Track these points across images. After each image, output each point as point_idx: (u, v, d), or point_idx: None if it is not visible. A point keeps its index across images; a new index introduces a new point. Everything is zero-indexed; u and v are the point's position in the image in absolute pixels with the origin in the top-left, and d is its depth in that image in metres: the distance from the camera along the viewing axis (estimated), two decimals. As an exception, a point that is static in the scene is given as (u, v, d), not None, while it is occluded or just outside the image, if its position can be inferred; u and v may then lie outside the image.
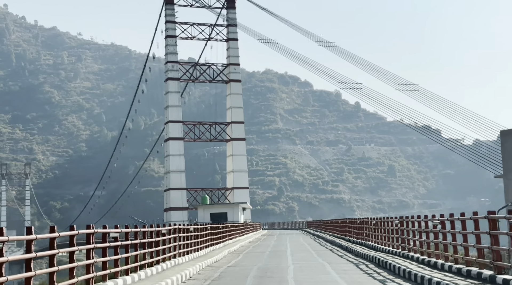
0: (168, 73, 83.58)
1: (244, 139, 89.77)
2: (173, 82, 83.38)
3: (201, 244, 32.57)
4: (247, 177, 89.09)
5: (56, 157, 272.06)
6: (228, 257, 31.68)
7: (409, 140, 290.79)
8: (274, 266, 25.00)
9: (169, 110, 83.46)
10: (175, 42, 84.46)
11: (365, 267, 23.42)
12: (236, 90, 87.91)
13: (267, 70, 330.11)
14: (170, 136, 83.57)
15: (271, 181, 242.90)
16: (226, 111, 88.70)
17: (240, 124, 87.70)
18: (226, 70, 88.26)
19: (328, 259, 28.19)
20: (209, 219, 74.32)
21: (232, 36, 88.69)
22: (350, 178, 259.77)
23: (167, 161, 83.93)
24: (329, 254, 32.44)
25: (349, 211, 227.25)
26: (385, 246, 30.01)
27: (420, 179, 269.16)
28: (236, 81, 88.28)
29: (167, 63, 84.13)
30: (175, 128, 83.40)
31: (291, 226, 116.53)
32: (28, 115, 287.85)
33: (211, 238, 36.25)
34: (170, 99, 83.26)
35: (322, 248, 39.04)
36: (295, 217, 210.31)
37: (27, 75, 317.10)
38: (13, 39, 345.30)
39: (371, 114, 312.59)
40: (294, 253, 33.83)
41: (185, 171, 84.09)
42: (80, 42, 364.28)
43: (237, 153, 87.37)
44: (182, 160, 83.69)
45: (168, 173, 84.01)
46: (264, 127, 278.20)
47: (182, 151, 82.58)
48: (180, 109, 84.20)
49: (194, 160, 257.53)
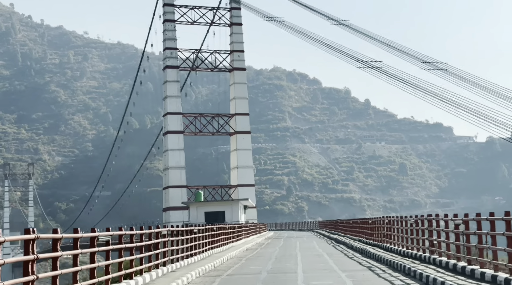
0: (166, 60, 77.91)
1: (249, 132, 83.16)
2: (171, 71, 77.51)
3: (175, 255, 23.55)
4: (253, 174, 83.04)
5: (61, 157, 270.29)
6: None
7: (421, 137, 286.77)
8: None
9: (168, 101, 77.57)
10: (173, 27, 78.74)
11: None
12: (241, 79, 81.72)
13: (275, 67, 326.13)
14: (168, 129, 77.68)
15: (280, 181, 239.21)
16: (230, 102, 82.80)
17: (244, 116, 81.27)
18: (230, 58, 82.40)
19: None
20: (203, 219, 64.86)
21: (235, 21, 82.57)
22: (361, 177, 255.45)
23: (166, 156, 78.26)
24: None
25: (360, 211, 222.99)
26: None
27: (432, 177, 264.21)
28: (240, 69, 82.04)
29: (165, 50, 78.41)
30: (174, 120, 77.35)
31: (300, 227, 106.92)
32: (33, 115, 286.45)
33: (185, 247, 25.61)
34: (168, 89, 77.35)
35: (355, 265, 24.85)
36: (305, 217, 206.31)
37: (33, 75, 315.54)
38: (19, 38, 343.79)
39: (381, 112, 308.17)
40: (310, 277, 20.04)
41: (186, 167, 78.35)
42: (86, 41, 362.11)
43: (242, 148, 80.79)
44: (182, 155, 77.99)
45: (167, 170, 78.09)
46: (272, 125, 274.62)
47: (182, 145, 76.89)
48: (179, 100, 78.40)
49: (201, 159, 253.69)
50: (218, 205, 69.00)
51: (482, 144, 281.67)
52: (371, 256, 28.59)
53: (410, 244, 25.93)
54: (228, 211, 66.82)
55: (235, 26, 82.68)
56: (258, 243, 47.88)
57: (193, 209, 67.66)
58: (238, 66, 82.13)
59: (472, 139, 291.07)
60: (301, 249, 38.04)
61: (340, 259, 28.09)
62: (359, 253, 31.96)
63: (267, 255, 32.59)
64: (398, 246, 28.74)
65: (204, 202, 70.15)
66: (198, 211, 66.42)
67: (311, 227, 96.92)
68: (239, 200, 70.93)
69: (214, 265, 25.76)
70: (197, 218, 65.27)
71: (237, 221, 65.79)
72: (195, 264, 25.06)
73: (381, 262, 25.51)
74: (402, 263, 22.04)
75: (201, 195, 71.87)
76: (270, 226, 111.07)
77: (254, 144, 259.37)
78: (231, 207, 67.69)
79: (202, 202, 69.80)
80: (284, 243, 46.92)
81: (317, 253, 33.35)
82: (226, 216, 66.22)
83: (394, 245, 29.83)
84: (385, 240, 32.40)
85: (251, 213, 79.31)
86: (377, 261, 26.27)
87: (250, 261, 29.20)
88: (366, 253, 30.48)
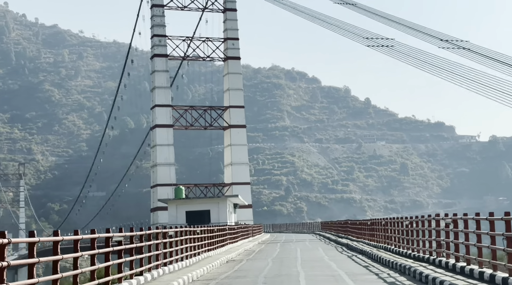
0: (154, 49, 71.91)
1: (244, 126, 76.76)
2: (160, 60, 71.51)
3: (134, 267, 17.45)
4: (248, 171, 76.80)
5: (55, 157, 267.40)
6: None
7: (422, 137, 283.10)
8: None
9: (156, 93, 71.45)
10: (162, 13, 72.75)
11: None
12: (235, 68, 75.53)
13: (273, 66, 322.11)
14: (157, 123, 71.71)
15: (278, 181, 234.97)
16: (224, 93, 76.61)
17: (239, 108, 74.97)
18: (223, 46, 76.30)
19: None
20: (184, 219, 56.21)
21: (230, 6, 76.60)
22: (361, 177, 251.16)
23: (154, 152, 72.07)
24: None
25: (360, 212, 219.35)
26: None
27: (434, 177, 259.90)
28: (234, 58, 75.75)
29: (153, 37, 72.42)
30: (163, 113, 71.21)
31: (300, 228, 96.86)
32: (27, 114, 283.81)
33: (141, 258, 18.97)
34: (156, 79, 71.29)
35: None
36: (304, 218, 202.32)
37: (27, 74, 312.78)
38: (13, 37, 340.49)
39: (381, 110, 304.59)
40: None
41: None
42: (81, 39, 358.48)
43: (237, 143, 74.52)
44: (171, 150, 71.48)
45: (155, 167, 71.96)
46: (270, 124, 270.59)
47: (171, 140, 70.78)
48: (168, 91, 72.22)
49: (198, 159, 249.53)
50: (202, 203, 59.75)
51: (485, 143, 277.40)
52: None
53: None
54: (214, 210, 57.94)
55: (229, 12, 76.66)
56: (247, 251, 38.64)
57: (172, 207, 58.51)
58: (232, 55, 75.97)
59: (474, 138, 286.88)
60: (304, 262, 26.88)
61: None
62: (399, 273, 20.75)
63: (252, 275, 21.39)
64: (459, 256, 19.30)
65: (185, 200, 60.47)
66: (178, 210, 57.38)
67: (312, 229, 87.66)
68: (227, 197, 62.20)
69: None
70: (176, 218, 56.30)
71: (225, 221, 57.16)
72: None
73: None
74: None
75: (182, 191, 62.03)
76: (267, 228, 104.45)
77: (252, 143, 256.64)
78: (217, 205, 58.69)
79: (182, 200, 60.11)
80: (281, 251, 37.07)
81: (331, 272, 21.75)
82: (212, 216, 57.48)
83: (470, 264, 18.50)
84: (444, 253, 20.88)
85: (246, 213, 72.82)
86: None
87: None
88: (416, 274, 19.11)
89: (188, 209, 57.72)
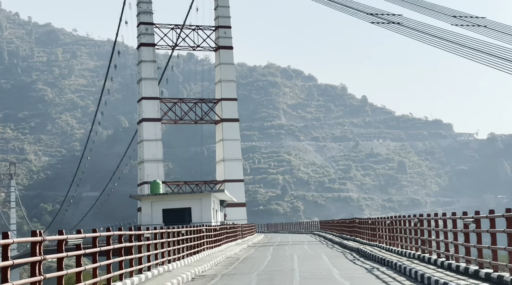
0: (141, 37, 67.86)
1: (237, 120, 72.61)
2: (147, 49, 67.59)
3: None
4: (242, 167, 72.93)
5: (48, 157, 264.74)
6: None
7: (420, 135, 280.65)
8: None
9: (142, 84, 67.19)
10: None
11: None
12: (227, 59, 71.34)
13: (269, 64, 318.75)
14: (144, 117, 67.40)
15: (274, 180, 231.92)
16: (215, 86, 72.62)
17: (232, 101, 70.95)
18: (215, 35, 72.16)
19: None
20: (161, 218, 49.52)
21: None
22: (358, 176, 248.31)
23: (141, 148, 67.84)
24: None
25: (358, 211, 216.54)
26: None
27: (432, 175, 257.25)
28: (226, 47, 71.53)
29: (140, 25, 68.44)
30: (150, 106, 66.88)
31: (297, 228, 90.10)
32: (20, 114, 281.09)
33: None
34: (143, 70, 67.08)
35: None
36: (300, 218, 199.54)
37: (20, 73, 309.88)
38: (6, 36, 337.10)
39: (379, 108, 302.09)
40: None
41: (164, 160, 68.44)
42: (75, 38, 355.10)
43: (229, 138, 70.48)
44: (159, 146, 67.32)
45: (142, 163, 67.75)
46: (266, 123, 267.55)
47: (159, 135, 66.82)
48: (156, 83, 68.09)
49: (193, 158, 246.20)
50: (182, 199, 52.27)
51: (483, 141, 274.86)
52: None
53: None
54: (196, 207, 50.50)
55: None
56: (228, 259, 30.54)
57: (146, 205, 50.82)
58: (224, 44, 71.75)
59: (472, 136, 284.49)
60: (304, 280, 18.62)
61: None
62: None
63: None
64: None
65: (161, 196, 52.77)
66: (153, 209, 50.00)
67: (310, 229, 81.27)
68: (211, 192, 54.60)
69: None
70: (151, 218, 49.22)
71: (209, 221, 50.31)
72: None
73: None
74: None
75: (158, 186, 54.58)
76: (262, 228, 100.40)
77: (247, 142, 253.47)
78: (200, 202, 51.18)
79: (158, 196, 52.42)
80: (273, 259, 28.93)
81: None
82: (194, 215, 50.26)
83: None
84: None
85: (239, 212, 69.01)
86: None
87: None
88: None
89: (165, 206, 50.73)
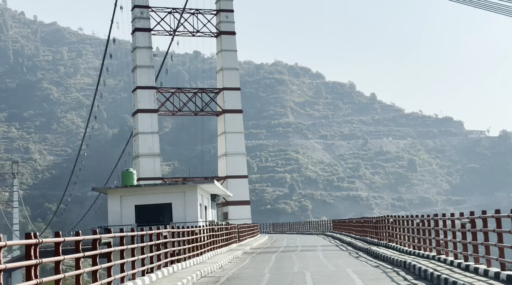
0: (135, 22, 63.42)
1: (240, 111, 67.29)
2: (142, 35, 63.06)
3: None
4: (246, 163, 68.27)
5: (53, 156, 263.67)
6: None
7: (430, 132, 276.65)
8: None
9: (138, 73, 62.84)
10: (144, -22, 64.52)
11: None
12: (229, 45, 66.68)
13: (276, 61, 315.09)
14: (139, 108, 62.91)
15: (282, 178, 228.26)
16: (216, 74, 68.10)
17: (235, 91, 66.18)
18: (216, 19, 67.65)
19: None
20: (133, 217, 39.96)
21: (222, -30, 68.22)
22: (367, 174, 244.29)
23: (136, 141, 63.42)
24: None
25: (367, 210, 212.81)
26: None
27: (443, 174, 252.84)
28: (229, 33, 66.96)
29: (134, 8, 63.98)
30: (146, 96, 62.24)
31: (306, 228, 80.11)
32: (25, 113, 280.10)
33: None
34: (138, 57, 62.90)
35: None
36: (309, 217, 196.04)
37: (25, 72, 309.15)
38: (11, 35, 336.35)
39: (388, 106, 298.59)
40: None
41: (161, 155, 64.09)
42: (80, 37, 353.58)
43: (232, 130, 65.97)
44: (155, 139, 62.92)
45: (137, 158, 63.34)
46: (274, 121, 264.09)
47: (156, 127, 62.42)
48: (152, 71, 63.43)
49: (199, 157, 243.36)
50: (160, 192, 41.58)
51: (495, 138, 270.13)
52: None
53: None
54: (178, 203, 40.69)
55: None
56: (204, 279, 20.28)
57: (114, 200, 40.30)
58: (226, 29, 67.05)
59: (484, 133, 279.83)
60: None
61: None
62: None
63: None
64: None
65: (133, 188, 41.87)
66: (123, 205, 39.91)
67: (321, 229, 72.14)
68: (197, 184, 43.79)
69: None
70: (121, 216, 39.37)
71: (195, 220, 40.57)
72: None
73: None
74: None
75: (131, 176, 43.72)
76: (267, 228, 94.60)
77: (255, 140, 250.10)
78: (183, 196, 41.19)
79: (129, 188, 41.62)
80: (272, 280, 18.83)
81: None
82: (175, 213, 40.58)
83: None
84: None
85: (243, 211, 64.24)
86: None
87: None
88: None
89: (139, 202, 40.66)
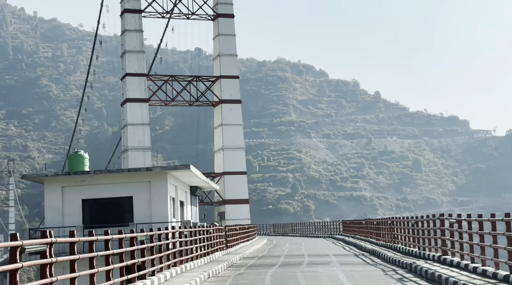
0: (124, 2, 58.43)
1: (239, 102, 61.96)
2: (132, 16, 57.65)
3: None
4: (244, 158, 63.03)
5: (52, 155, 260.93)
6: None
7: (435, 132, 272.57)
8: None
9: (127, 58, 58.07)
10: (134, -44, 59.30)
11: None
12: (227, 29, 61.47)
13: (279, 58, 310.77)
14: (128, 97, 57.90)
15: (284, 178, 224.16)
16: (213, 61, 62.67)
17: (233, 79, 61.11)
18: (213, 1, 62.78)
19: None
20: (80, 216, 29.97)
21: None
22: (371, 174, 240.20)
23: (124, 133, 58.44)
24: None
25: (371, 210, 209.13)
26: None
27: (448, 174, 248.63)
28: (226, 16, 61.71)
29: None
30: (136, 84, 57.11)
31: (310, 230, 72.04)
32: (24, 110, 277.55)
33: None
34: (127, 41, 58.03)
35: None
36: (311, 217, 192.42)
37: (24, 69, 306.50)
38: (11, 31, 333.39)
39: (392, 104, 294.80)
40: None
41: (151, 149, 59.30)
42: (81, 33, 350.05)
43: (230, 122, 60.77)
44: (146, 132, 57.68)
45: (126, 152, 58.23)
46: (276, 119, 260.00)
47: (147, 118, 57.13)
48: (143, 57, 58.38)
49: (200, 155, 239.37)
50: (117, 182, 30.68)
51: (502, 138, 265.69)
52: None
53: None
54: (142, 196, 30.26)
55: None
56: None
57: (54, 192, 30.07)
58: (224, 12, 61.79)
59: (490, 133, 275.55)
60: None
61: None
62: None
63: None
64: None
65: (79, 176, 30.96)
66: (66, 199, 29.81)
67: (328, 231, 65.08)
68: (167, 170, 32.31)
69: None
70: (62, 214, 29.38)
71: (165, 220, 30.46)
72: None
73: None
74: None
75: (82, 160, 34.51)
76: (268, 229, 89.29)
77: (256, 139, 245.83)
78: (148, 187, 30.50)
79: (75, 176, 30.87)
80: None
81: None
82: (137, 209, 30.23)
83: None
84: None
85: (241, 210, 59.15)
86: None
87: None
88: None
89: (87, 195, 30.37)
